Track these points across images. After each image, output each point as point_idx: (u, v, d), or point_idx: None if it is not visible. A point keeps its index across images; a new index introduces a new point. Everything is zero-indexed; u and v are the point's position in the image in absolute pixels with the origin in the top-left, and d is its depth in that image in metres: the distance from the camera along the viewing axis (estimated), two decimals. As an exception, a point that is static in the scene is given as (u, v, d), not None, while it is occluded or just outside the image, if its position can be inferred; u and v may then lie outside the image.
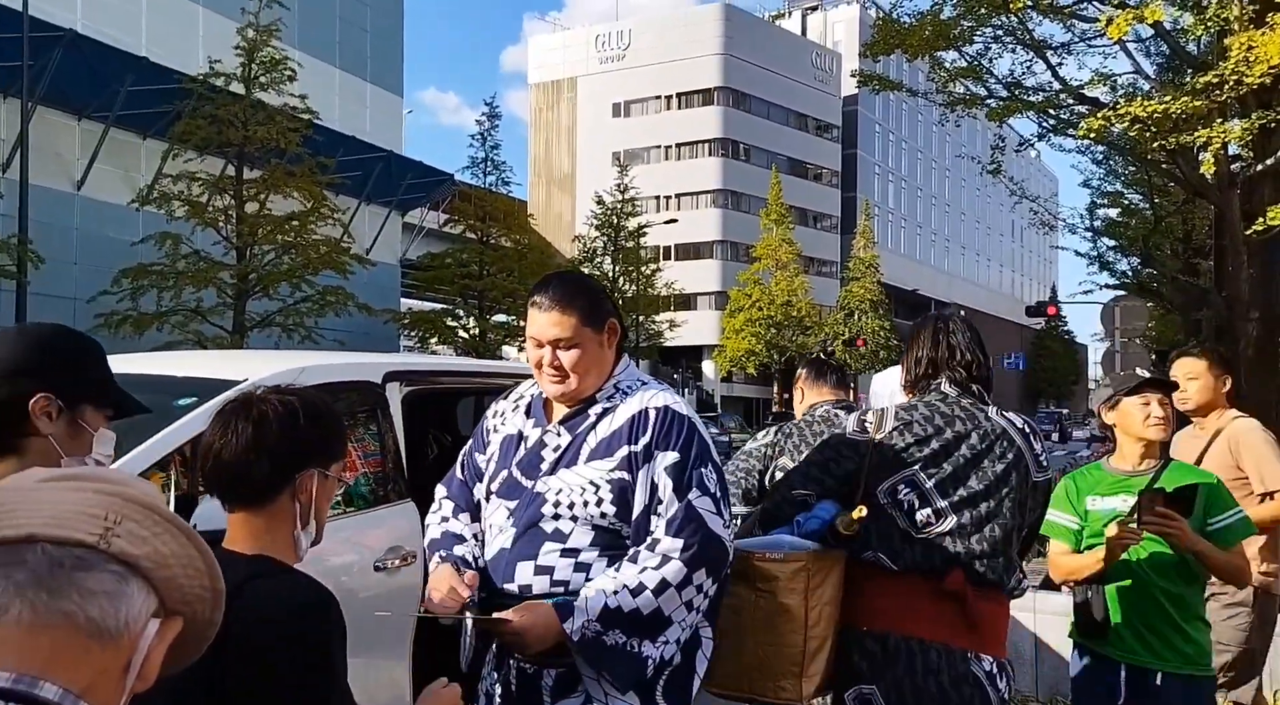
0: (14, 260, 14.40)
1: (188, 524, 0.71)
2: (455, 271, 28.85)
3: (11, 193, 15.46)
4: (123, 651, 0.65)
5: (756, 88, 52.31)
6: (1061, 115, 10.84)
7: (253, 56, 19.62)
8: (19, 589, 0.62)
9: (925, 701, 1.96)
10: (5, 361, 1.40)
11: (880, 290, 48.68)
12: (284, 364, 2.91)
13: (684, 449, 1.75)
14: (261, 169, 19.63)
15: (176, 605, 0.69)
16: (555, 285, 1.83)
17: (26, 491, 0.67)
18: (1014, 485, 2.03)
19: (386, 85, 31.47)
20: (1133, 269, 19.45)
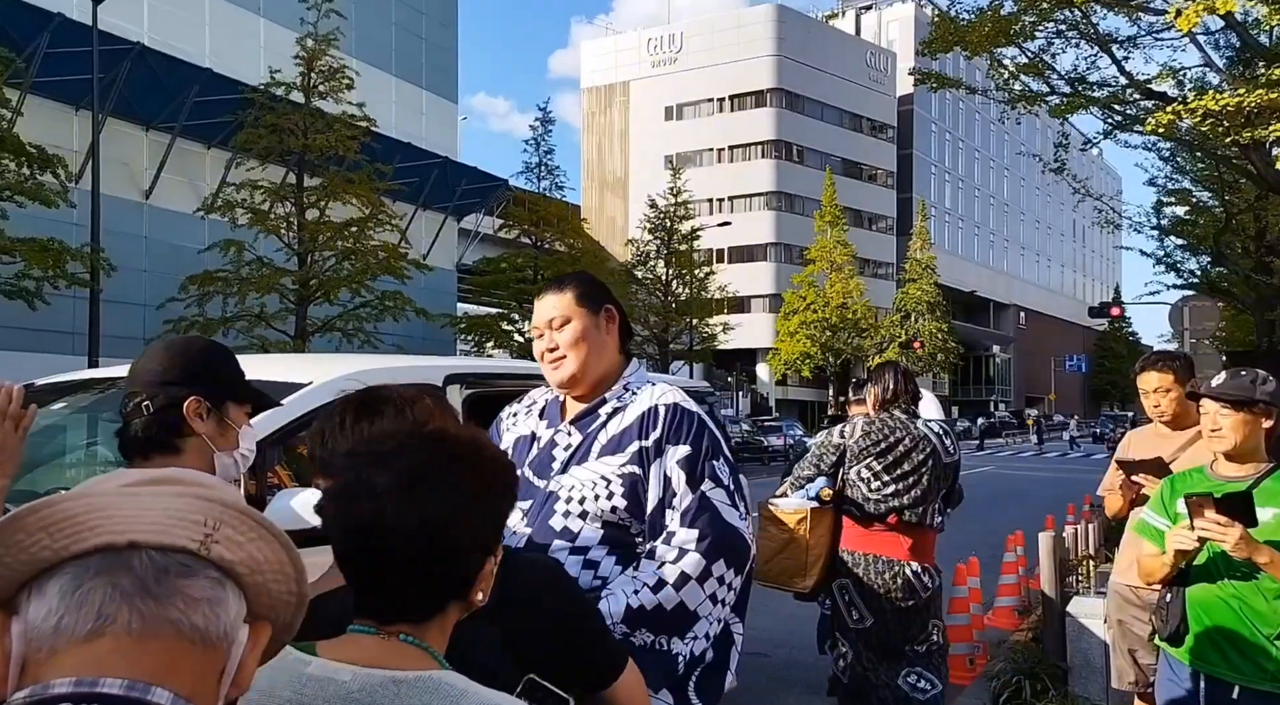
0: (87, 268, 14.82)
1: (280, 529, 0.70)
2: (510, 276, 29.10)
3: (83, 203, 15.94)
4: (220, 658, 0.65)
5: (810, 89, 51.78)
6: (1127, 111, 10.53)
7: (312, 65, 20.01)
8: (126, 597, 0.61)
9: (877, 588, 3.46)
10: (158, 372, 1.56)
11: (937, 292, 47.79)
12: (348, 367, 2.93)
13: (695, 442, 1.77)
14: (321, 176, 19.99)
15: (264, 611, 0.69)
16: (552, 279, 1.95)
17: (124, 495, 0.65)
18: (930, 467, 3.49)
19: (442, 92, 31.89)
20: (1202, 268, 18.90)
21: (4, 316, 17.87)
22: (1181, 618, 2.41)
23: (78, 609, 0.61)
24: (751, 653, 4.77)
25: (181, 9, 23.79)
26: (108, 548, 0.63)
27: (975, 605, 5.61)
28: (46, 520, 0.64)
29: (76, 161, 18.43)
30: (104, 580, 0.62)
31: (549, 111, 38.88)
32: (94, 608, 0.61)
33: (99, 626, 0.61)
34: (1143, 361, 3.38)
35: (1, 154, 13.35)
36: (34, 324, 17.17)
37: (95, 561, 0.62)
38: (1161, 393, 3.24)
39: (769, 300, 48.08)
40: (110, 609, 0.61)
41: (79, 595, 0.61)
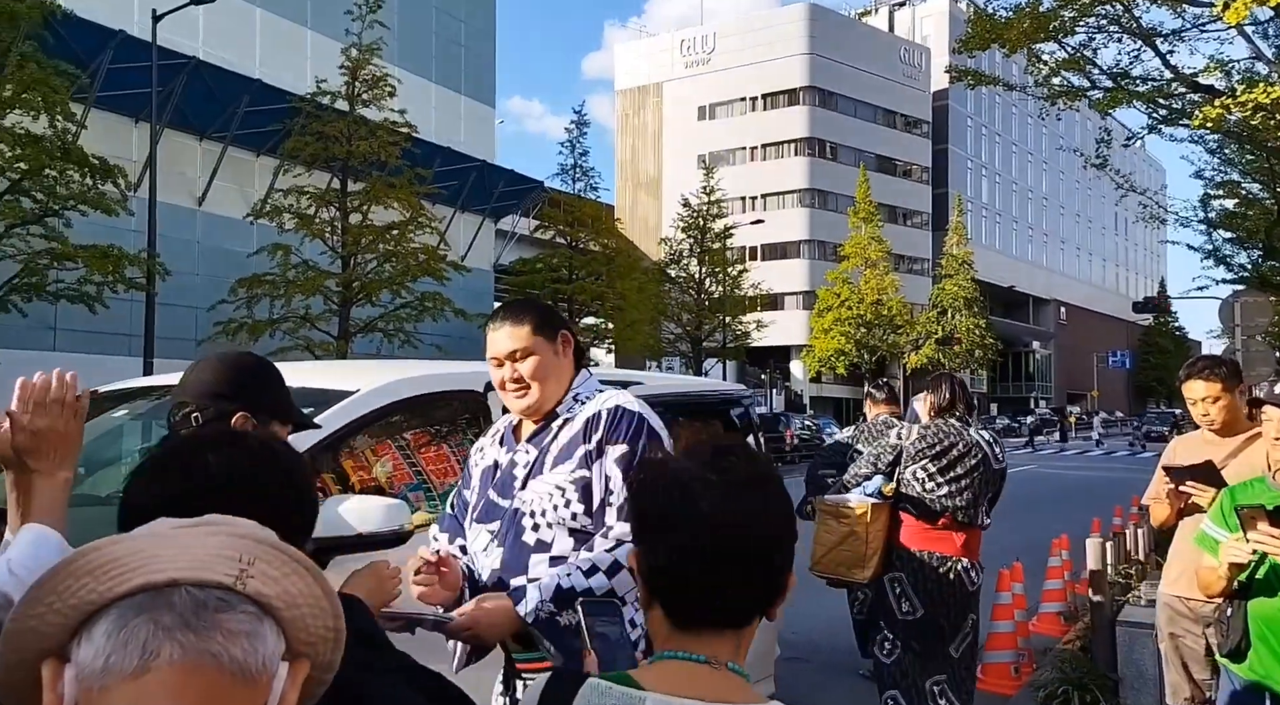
0: (144, 273, 15.46)
1: (314, 565, 0.72)
2: (545, 276, 29.47)
3: (141, 210, 16.63)
4: (260, 693, 0.65)
5: (843, 86, 51.49)
6: (1173, 104, 10.29)
7: (356, 75, 20.60)
8: (168, 632, 0.62)
9: (928, 583, 3.71)
10: (209, 384, 1.60)
11: (975, 287, 47.13)
12: (392, 374, 2.99)
13: (632, 440, 1.80)
14: (364, 181, 20.57)
15: (301, 646, 0.70)
16: (506, 307, 1.94)
17: (165, 538, 0.69)
18: (980, 472, 3.75)
19: (479, 97, 32.43)
20: (1253, 262, 18.35)
21: (66, 320, 18.77)
22: (1243, 633, 2.34)
23: (123, 647, 0.62)
24: (790, 658, 4.98)
25: (234, 23, 24.59)
26: (149, 587, 0.64)
27: (1019, 611, 5.48)
28: (91, 565, 0.66)
29: (135, 171, 19.25)
30: (146, 617, 0.63)
31: (584, 114, 39.24)
32: (139, 644, 0.62)
33: (144, 662, 0.62)
34: (1187, 369, 3.22)
35: (67, 165, 14.01)
36: (94, 327, 17.96)
37: (138, 601, 0.64)
38: (1210, 402, 3.09)
39: (803, 297, 47.92)
40: (154, 645, 0.62)
41: (124, 634, 0.63)
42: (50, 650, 0.66)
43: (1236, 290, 15.09)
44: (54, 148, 13.76)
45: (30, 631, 0.67)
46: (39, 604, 0.66)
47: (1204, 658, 3.10)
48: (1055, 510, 13.52)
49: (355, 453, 2.96)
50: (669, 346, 34.83)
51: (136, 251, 15.58)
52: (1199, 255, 18.84)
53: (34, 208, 14.23)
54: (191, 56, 21.39)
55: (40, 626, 0.66)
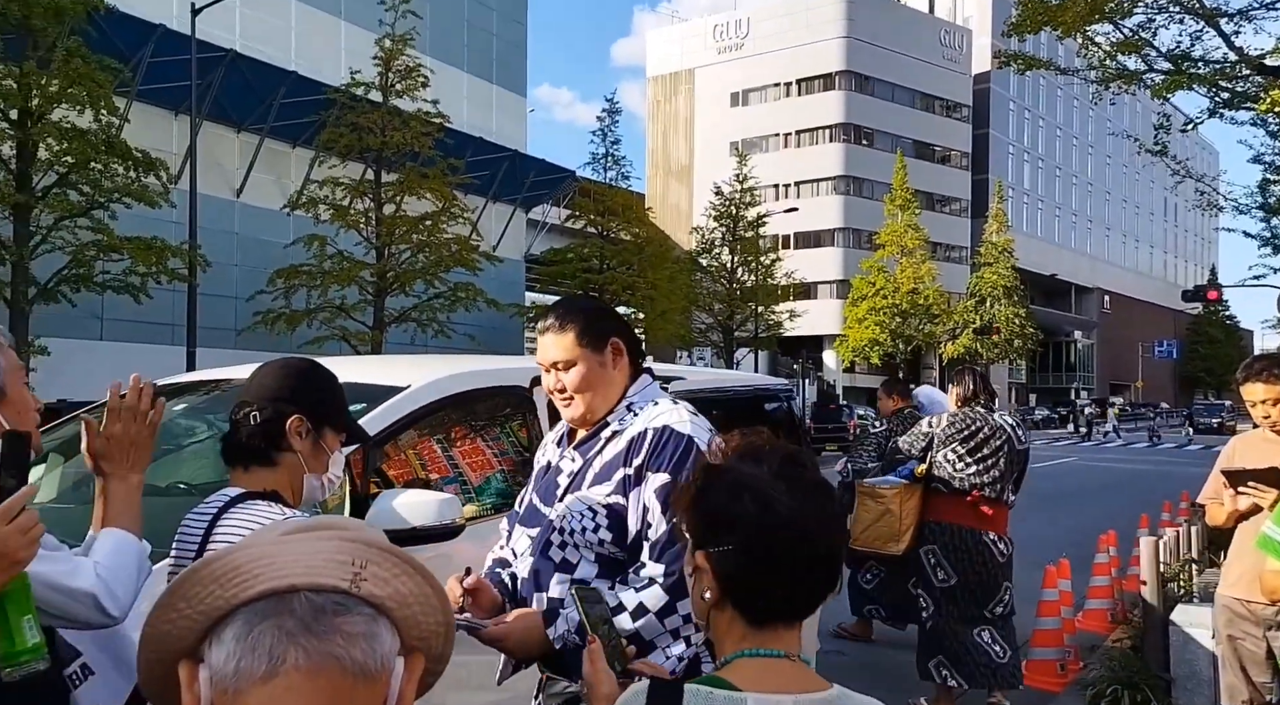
0: (186, 264, 15.74)
1: (422, 564, 0.75)
2: (577, 266, 29.51)
3: (181, 202, 16.91)
4: (380, 690, 0.68)
5: (880, 70, 50.75)
6: (1236, 87, 9.91)
7: (389, 65, 20.73)
8: (291, 637, 0.65)
9: (959, 553, 4.25)
10: (270, 388, 1.66)
11: (1015, 275, 46.36)
12: (442, 370, 3.04)
13: (675, 469, 1.68)
14: (398, 172, 20.73)
15: (414, 642, 0.73)
16: (555, 308, 1.86)
17: (280, 544, 0.72)
18: (1005, 452, 4.29)
19: (511, 86, 32.49)
20: None
21: (112, 310, 19.17)
22: None
23: (252, 652, 0.66)
24: (828, 651, 5.03)
25: (270, 15, 24.86)
26: (271, 593, 0.67)
27: (1065, 608, 5.46)
28: (216, 572, 0.70)
29: (175, 163, 19.59)
30: (271, 623, 0.66)
31: (615, 102, 39.14)
32: (265, 649, 0.65)
33: (272, 667, 0.65)
34: (1245, 371, 3.18)
35: (111, 159, 14.29)
36: (138, 316, 18.35)
37: (261, 606, 0.67)
38: (1270, 404, 3.05)
39: (836, 286, 47.49)
40: (279, 650, 0.65)
41: (251, 639, 0.66)
42: (185, 651, 0.70)
43: (1297, 280, 14.58)
44: (99, 141, 14.04)
45: (165, 635, 0.71)
46: (171, 609, 0.71)
47: (1264, 661, 3.07)
48: (1099, 504, 13.34)
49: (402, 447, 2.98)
50: (700, 336, 34.74)
51: (178, 243, 15.87)
52: (1256, 243, 18.33)
53: (81, 201, 14.55)
54: (229, 49, 21.66)
55: (173, 630, 0.71)
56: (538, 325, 1.88)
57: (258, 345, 20.37)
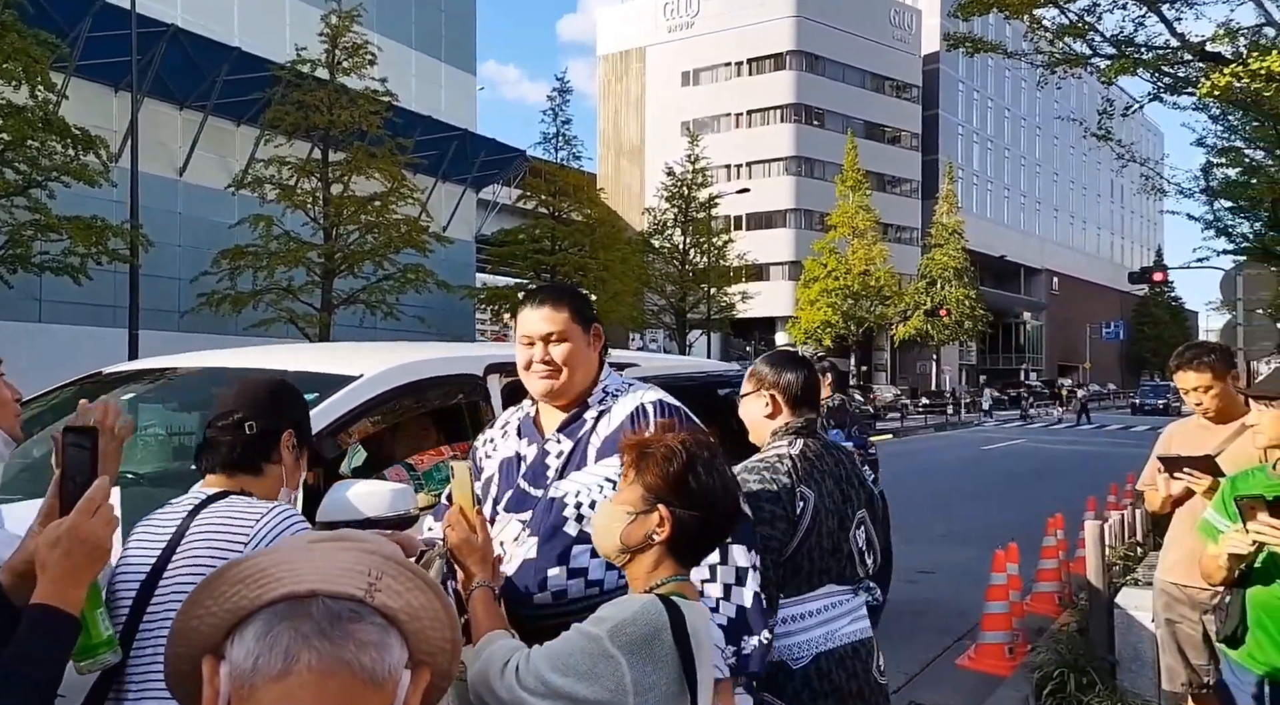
0: (128, 244, 15.30)
1: (434, 580, 0.79)
2: (528, 247, 29.31)
3: (122, 181, 16.40)
4: (386, 699, 0.70)
5: (830, 50, 50.97)
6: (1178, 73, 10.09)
7: (336, 42, 20.27)
8: (306, 639, 0.69)
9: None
10: (264, 402, 1.73)
11: (965, 257, 47.09)
12: (395, 359, 3.00)
13: None
14: (345, 151, 20.34)
15: (422, 656, 0.75)
16: (545, 289, 1.96)
17: (302, 551, 0.76)
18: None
19: (460, 64, 31.98)
20: (1255, 232, 18.14)
21: (51, 291, 18.57)
22: (1240, 619, 2.38)
23: (269, 650, 0.69)
24: None
25: (211, -11, 24.07)
26: (291, 596, 0.71)
27: (1014, 592, 5.47)
28: (243, 573, 0.74)
29: (116, 141, 18.94)
30: (289, 625, 0.70)
31: (566, 82, 38.75)
32: (282, 648, 0.69)
33: (287, 666, 0.68)
34: (1177, 359, 3.23)
35: (49, 136, 13.81)
36: (79, 298, 17.80)
37: (282, 608, 0.71)
38: (1202, 391, 3.12)
39: (788, 268, 47.85)
40: (295, 650, 0.68)
41: (270, 638, 0.70)
42: (209, 648, 0.74)
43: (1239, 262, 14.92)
44: (36, 118, 13.60)
45: (192, 631, 0.75)
46: (199, 607, 0.75)
47: (1201, 644, 3.14)
48: (1047, 487, 13.65)
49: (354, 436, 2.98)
50: (653, 318, 34.79)
51: (119, 223, 15.42)
52: (1199, 225, 18.58)
53: (17, 179, 14.12)
54: (170, 24, 20.97)
55: (200, 626, 0.75)
56: (526, 304, 1.93)
57: (202, 327, 19.92)
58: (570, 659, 1.29)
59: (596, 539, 1.54)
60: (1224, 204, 18.29)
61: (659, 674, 1.28)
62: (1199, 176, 17.54)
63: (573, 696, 1.27)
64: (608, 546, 1.49)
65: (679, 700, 1.30)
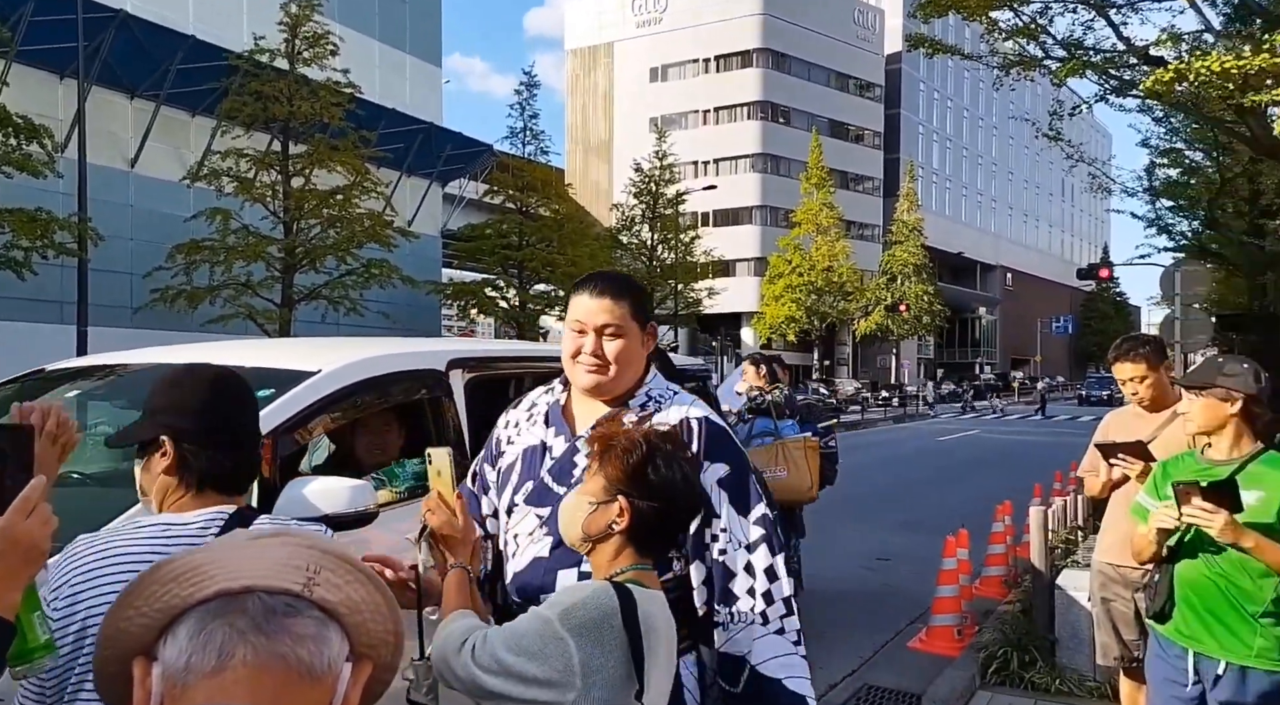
0: (75, 238, 14.90)
1: (375, 574, 0.78)
2: (495, 242, 29.12)
3: (69, 172, 15.97)
4: (325, 692, 0.70)
5: (796, 48, 51.36)
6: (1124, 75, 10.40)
7: (296, 31, 19.91)
8: (241, 635, 0.68)
9: None
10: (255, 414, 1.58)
11: (924, 254, 47.86)
12: (354, 354, 2.99)
13: (733, 460, 1.73)
14: (306, 144, 20.01)
15: (364, 650, 0.75)
16: (606, 277, 1.84)
17: (240, 548, 0.76)
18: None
19: (425, 56, 31.63)
20: (1194, 231, 18.72)
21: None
22: (1168, 596, 2.47)
23: (203, 648, 0.68)
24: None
25: (163, -26, 23.51)
26: (226, 593, 0.70)
27: (964, 576, 5.64)
28: (175, 572, 0.73)
29: (62, 130, 18.43)
30: (223, 621, 0.69)
31: (534, 76, 38.59)
32: (216, 646, 0.68)
33: (221, 662, 0.67)
34: (1114, 351, 3.41)
35: (-11, 126, 13.39)
36: (23, 293, 17.28)
37: (215, 606, 0.70)
38: (1137, 381, 3.28)
39: (754, 264, 48.21)
40: (229, 646, 0.68)
41: (203, 636, 0.69)
42: (140, 649, 0.73)
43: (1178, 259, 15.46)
44: (-26, 106, 13.12)
45: (121, 633, 0.74)
46: (129, 607, 0.74)
47: (1133, 621, 3.27)
48: (998, 475, 13.99)
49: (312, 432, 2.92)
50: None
51: (66, 215, 15.00)
52: (1142, 224, 19.17)
53: (-46, 170, 13.62)
54: (119, 10, 20.42)
55: (130, 627, 0.74)
56: (584, 288, 1.80)
57: (156, 324, 19.48)
58: (523, 639, 1.32)
59: (562, 527, 1.56)
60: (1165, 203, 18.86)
61: (607, 657, 1.31)
62: (1142, 176, 18.10)
63: (523, 675, 1.30)
64: (571, 535, 1.52)
65: (627, 684, 1.33)
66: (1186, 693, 2.46)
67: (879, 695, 4.59)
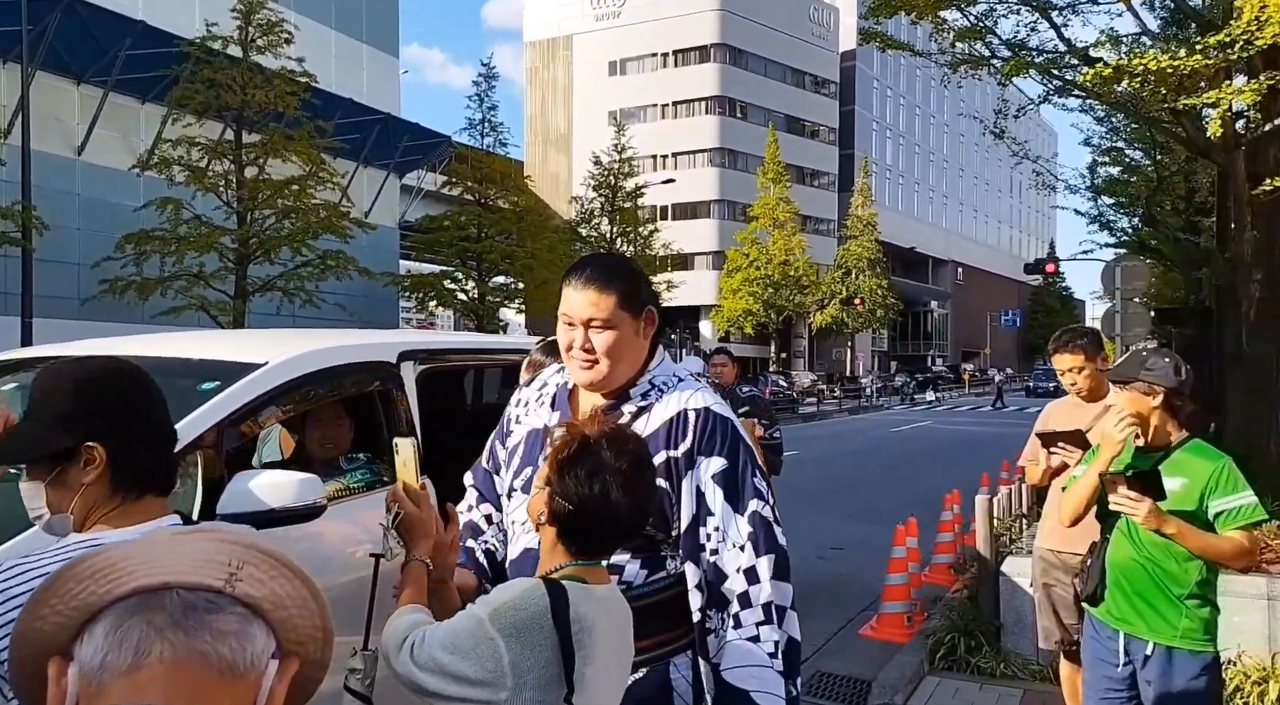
0: (19, 227, 14.50)
1: (301, 569, 0.76)
2: (454, 234, 28.86)
3: (13, 159, 15.50)
4: (249, 689, 0.69)
5: (753, 44, 51.64)
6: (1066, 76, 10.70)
7: (249, 19, 19.51)
8: (159, 631, 0.66)
9: None
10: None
11: (878, 248, 48.52)
12: (302, 346, 2.89)
13: (731, 454, 1.63)
14: (260, 133, 19.64)
15: (292, 646, 0.74)
16: (595, 264, 1.72)
17: (160, 544, 0.74)
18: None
19: (382, 46, 31.18)
20: (1133, 228, 19.26)
21: (-68, 277, 17.43)
22: (1100, 580, 2.57)
23: (119, 646, 0.66)
24: None
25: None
26: (143, 589, 0.68)
27: (913, 564, 5.74)
28: (92, 568, 0.71)
29: (5, 116, 17.87)
30: (140, 618, 0.67)
31: (493, 67, 38.26)
32: (132, 643, 0.66)
33: (138, 660, 0.66)
34: (1054, 343, 3.49)
35: (-75, 111, 12.93)
36: (-37, 284, 16.78)
37: (133, 603, 0.68)
38: (1075, 372, 3.39)
39: (713, 257, 48.44)
40: (146, 644, 0.66)
41: (119, 633, 0.67)
42: (56, 649, 0.70)
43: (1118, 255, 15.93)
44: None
45: (36, 632, 0.72)
46: (43, 606, 0.71)
47: (1072, 605, 3.33)
48: (948, 465, 14.27)
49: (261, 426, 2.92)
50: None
51: (9, 204, 14.58)
52: (1085, 220, 19.67)
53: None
54: (65, -8, 19.83)
55: (44, 627, 0.71)
56: (571, 278, 1.70)
57: (105, 315, 19.01)
58: (457, 638, 1.31)
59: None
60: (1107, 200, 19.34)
61: (536, 657, 1.30)
62: (1085, 174, 18.53)
63: (456, 674, 1.30)
64: (530, 512, 1.51)
65: (558, 683, 1.31)
66: (1118, 673, 2.55)
67: (830, 682, 4.66)
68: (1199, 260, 13.03)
